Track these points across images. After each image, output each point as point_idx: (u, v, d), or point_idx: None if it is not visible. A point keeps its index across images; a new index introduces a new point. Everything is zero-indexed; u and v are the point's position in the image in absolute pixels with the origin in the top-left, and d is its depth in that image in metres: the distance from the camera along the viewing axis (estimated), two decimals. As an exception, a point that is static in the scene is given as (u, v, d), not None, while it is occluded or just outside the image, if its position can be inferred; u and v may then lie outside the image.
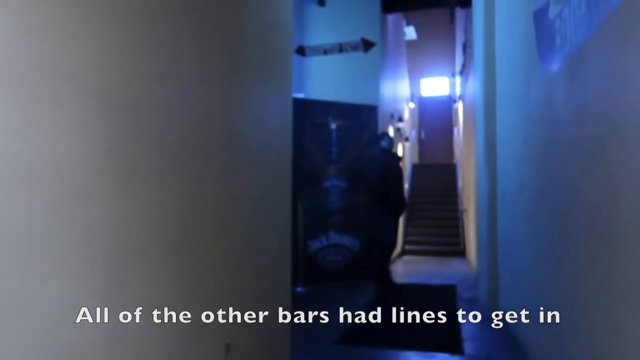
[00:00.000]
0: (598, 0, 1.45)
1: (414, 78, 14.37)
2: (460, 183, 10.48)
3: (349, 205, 5.94)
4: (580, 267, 1.76)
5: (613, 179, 1.43)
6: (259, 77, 2.68)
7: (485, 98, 4.17)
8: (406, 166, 10.17)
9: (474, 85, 4.96)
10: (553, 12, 1.94)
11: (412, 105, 12.04)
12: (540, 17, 2.18)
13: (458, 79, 11.87)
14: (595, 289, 1.62)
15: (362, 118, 6.12)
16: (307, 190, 5.73)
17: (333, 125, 5.95)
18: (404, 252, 9.56)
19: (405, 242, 9.87)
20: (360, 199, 6.02)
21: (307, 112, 5.79)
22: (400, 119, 8.28)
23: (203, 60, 1.91)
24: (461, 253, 9.36)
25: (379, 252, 5.44)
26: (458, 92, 11.43)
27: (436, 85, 14.68)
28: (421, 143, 14.01)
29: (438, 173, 12.01)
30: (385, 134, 5.66)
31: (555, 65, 1.92)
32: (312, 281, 5.51)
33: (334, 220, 5.88)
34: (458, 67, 12.37)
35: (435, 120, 14.14)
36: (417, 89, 14.50)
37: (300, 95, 5.58)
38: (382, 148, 5.48)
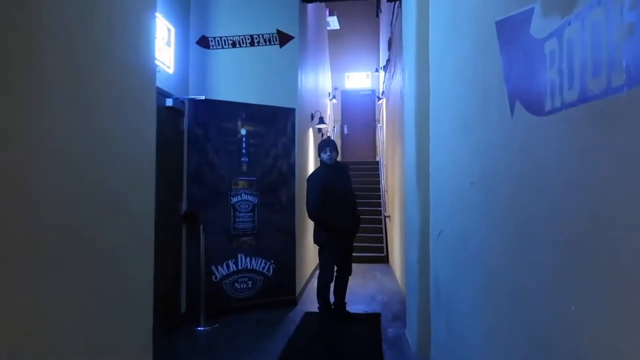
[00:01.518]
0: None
1: (337, 71, 13.76)
2: (383, 184, 10.04)
3: (262, 223, 5.16)
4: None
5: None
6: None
7: (417, 114, 3.54)
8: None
9: (405, 91, 4.33)
10: (541, 28, 1.27)
11: (335, 101, 11.40)
12: (511, 32, 1.52)
13: (382, 75, 11.41)
14: None
15: (278, 122, 5.32)
16: (211, 208, 4.87)
17: (243, 131, 5.10)
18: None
19: (326, 249, 9.26)
20: (276, 218, 5.25)
21: (210, 115, 4.90)
22: (322, 120, 7.58)
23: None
24: (385, 260, 8.92)
25: (343, 280, 4.75)
26: (382, 88, 10.96)
27: (360, 79, 14.18)
28: (344, 139, 13.48)
29: (361, 172, 11.53)
30: (328, 142, 4.77)
31: (543, 109, 1.26)
32: (216, 316, 4.68)
33: (243, 241, 5.07)
34: (382, 62, 11.91)
35: (359, 115, 13.64)
36: (341, 81, 13.92)
37: (201, 98, 4.67)
38: (325, 163, 4.66)
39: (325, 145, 4.74)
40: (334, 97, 10.88)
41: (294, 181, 5.41)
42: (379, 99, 11.02)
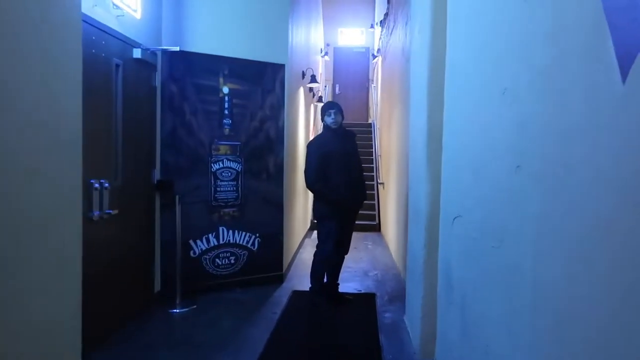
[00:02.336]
0: None
1: (330, 25, 12.92)
2: (377, 148, 9.51)
3: (246, 193, 4.63)
4: None
5: None
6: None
7: (431, 75, 2.98)
8: (318, 128, 8.95)
9: (414, 48, 3.75)
10: None
11: (327, 59, 10.68)
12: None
13: (378, 31, 10.68)
14: None
15: (266, 80, 4.71)
16: (189, 176, 4.32)
17: (225, 89, 4.49)
18: (312, 227, 8.52)
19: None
20: (262, 187, 4.73)
21: (188, 70, 4.27)
22: (314, 79, 6.94)
23: None
24: (377, 229, 8.51)
25: (339, 259, 4.27)
26: (377, 45, 10.25)
27: (354, 36, 13.37)
28: (335, 99, 12.80)
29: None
30: (332, 104, 4.23)
31: None
32: (194, 296, 4.22)
33: (225, 213, 4.56)
34: (378, 18, 11.16)
35: (352, 74, 12.93)
36: (333, 37, 13.11)
37: (176, 49, 4.03)
38: (329, 127, 4.14)
39: (329, 107, 4.20)
40: (326, 53, 10.17)
41: (283, 146, 4.86)
42: (374, 57, 10.33)
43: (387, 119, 7.81)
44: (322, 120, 4.21)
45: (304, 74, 6.43)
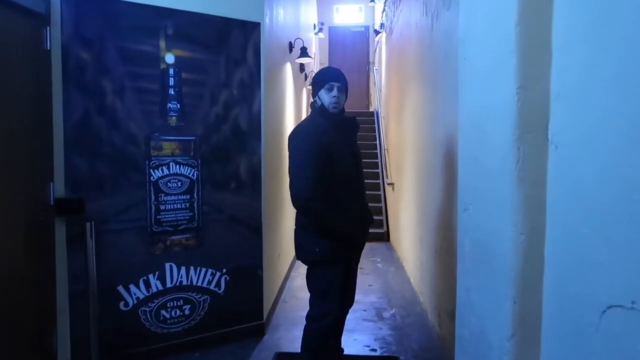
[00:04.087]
0: None
1: (324, 3, 11.37)
2: (382, 142, 8.01)
3: (207, 211, 3.16)
4: None
5: None
6: None
7: (524, 21, 1.49)
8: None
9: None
10: None
11: (321, 35, 9.16)
12: None
13: (380, 5, 9.18)
14: None
15: (232, 45, 3.22)
16: (113, 190, 2.84)
17: (169, 58, 3.00)
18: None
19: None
20: (230, 201, 3.25)
21: (108, 27, 2.77)
22: (305, 52, 5.42)
23: None
24: (385, 238, 7.06)
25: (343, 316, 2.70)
26: (380, 20, 8.74)
27: (351, 13, 11.84)
28: (332, 85, 11.30)
29: (353, 125, 9.50)
30: (333, 74, 2.59)
31: None
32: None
33: (174, 242, 3.08)
34: (379, -11, 9.67)
35: (349, 56, 11.40)
36: (328, 16, 11.57)
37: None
38: (326, 111, 2.53)
39: (329, 77, 2.55)
40: (320, 29, 8.65)
41: (260, 142, 3.38)
42: (377, 32, 8.83)
43: (397, 105, 6.32)
44: (314, 97, 2.60)
45: (291, 46, 4.93)
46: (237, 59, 3.24)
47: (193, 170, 3.11)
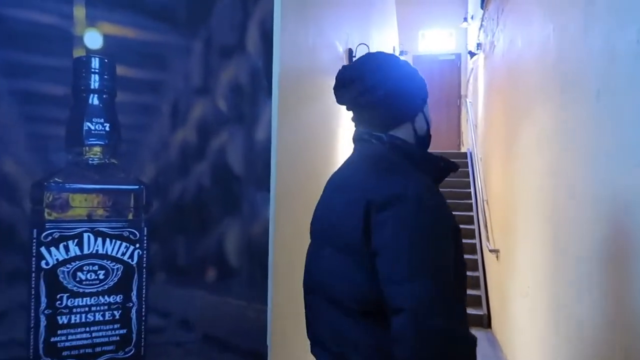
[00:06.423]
0: None
1: (407, 28, 9.93)
2: (480, 192, 6.16)
3: (158, 325, 1.65)
4: None
5: None
6: None
7: None
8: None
9: None
10: None
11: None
12: None
13: (475, 23, 7.59)
14: None
15: (217, 17, 1.78)
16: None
17: (92, 38, 1.61)
18: None
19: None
20: (205, 308, 1.73)
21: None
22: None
23: None
24: (484, 323, 5.14)
25: None
26: (476, 40, 7.08)
27: (439, 39, 10.29)
28: (415, 123, 9.71)
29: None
30: (424, 84, 1.42)
31: None
32: None
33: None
34: (472, 11, 8.13)
35: (437, 88, 9.75)
36: (413, 43, 10.09)
37: None
38: (423, 142, 1.40)
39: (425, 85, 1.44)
40: (402, 53, 7.16)
41: (268, 195, 1.85)
42: (472, 54, 7.17)
43: (503, 142, 4.56)
44: (399, 122, 1.36)
45: (352, 54, 3.42)
46: (226, 45, 1.79)
47: (131, 247, 1.64)
